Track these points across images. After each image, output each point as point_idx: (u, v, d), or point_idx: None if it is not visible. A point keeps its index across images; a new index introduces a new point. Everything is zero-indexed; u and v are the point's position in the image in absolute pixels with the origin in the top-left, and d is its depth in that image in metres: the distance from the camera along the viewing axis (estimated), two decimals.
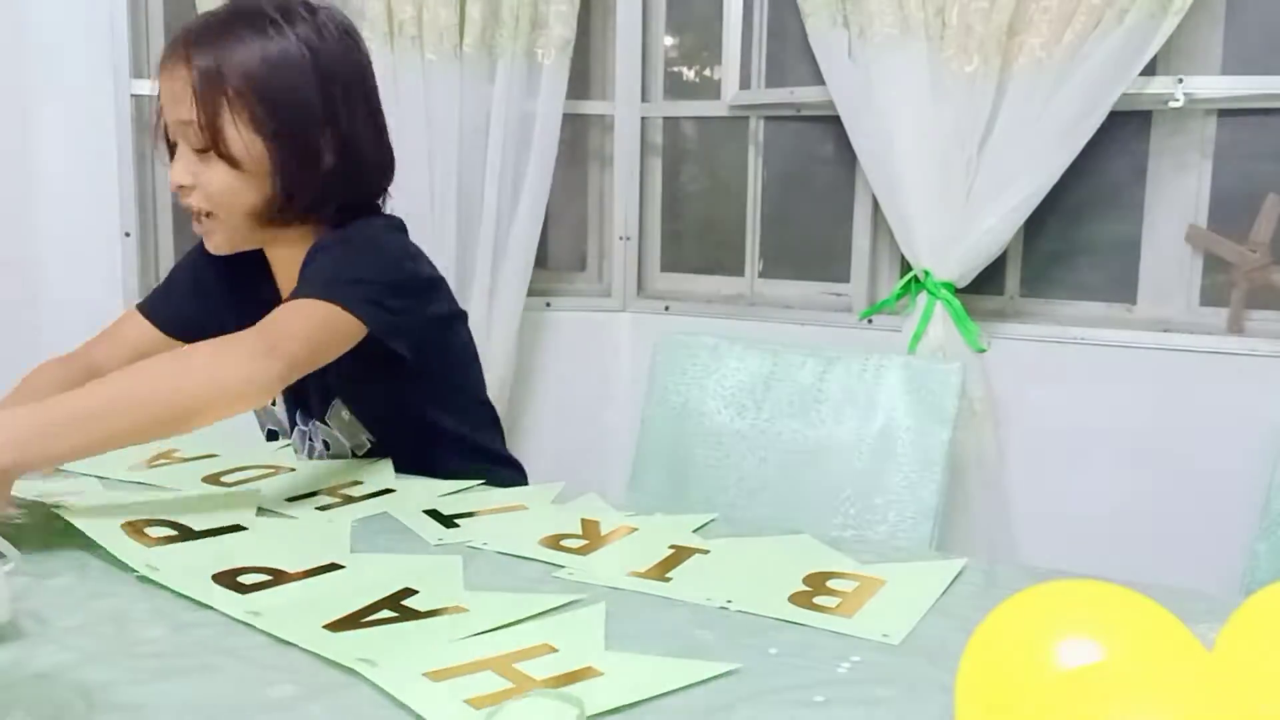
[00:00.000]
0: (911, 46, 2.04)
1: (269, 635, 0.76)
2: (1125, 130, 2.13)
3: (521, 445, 2.46)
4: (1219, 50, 2.07)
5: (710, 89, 2.48)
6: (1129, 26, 1.92)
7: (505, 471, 1.33)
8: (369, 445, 1.25)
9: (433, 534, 0.99)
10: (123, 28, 2.15)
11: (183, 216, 2.34)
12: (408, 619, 0.79)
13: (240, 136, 1.12)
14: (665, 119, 2.52)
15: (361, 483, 1.15)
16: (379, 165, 1.26)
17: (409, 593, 0.84)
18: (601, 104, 2.49)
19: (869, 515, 1.34)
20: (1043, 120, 2.00)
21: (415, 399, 1.24)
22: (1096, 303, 2.23)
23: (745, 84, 2.41)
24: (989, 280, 2.21)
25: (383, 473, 1.20)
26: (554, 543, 0.97)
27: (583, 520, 1.04)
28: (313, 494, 1.10)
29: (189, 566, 0.88)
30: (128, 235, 2.21)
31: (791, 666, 0.73)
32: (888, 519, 1.33)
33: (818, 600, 0.85)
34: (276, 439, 1.35)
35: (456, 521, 1.03)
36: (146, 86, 2.22)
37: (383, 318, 1.12)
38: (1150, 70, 2.00)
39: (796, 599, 0.85)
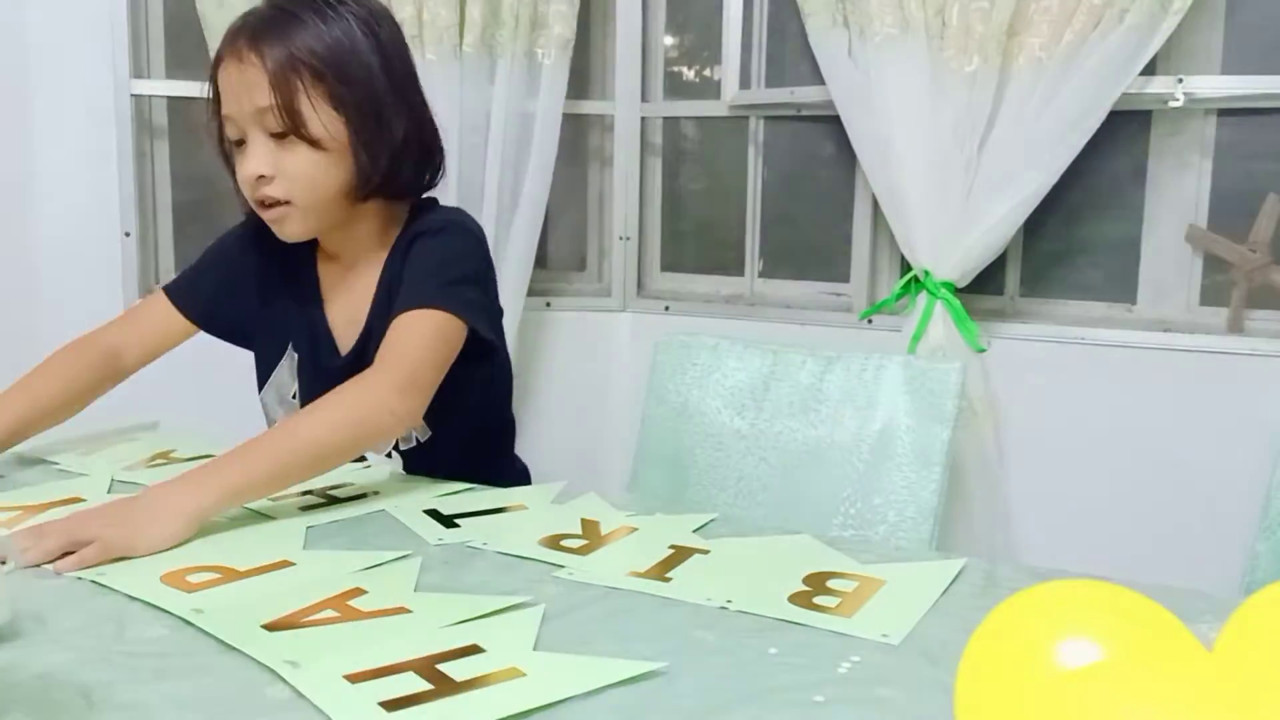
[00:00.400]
0: (911, 46, 2.04)
1: (210, 635, 0.76)
2: (1125, 130, 2.13)
3: (521, 445, 2.46)
4: (1219, 50, 2.07)
5: (710, 89, 2.48)
6: (1129, 26, 1.92)
7: (518, 471, 1.39)
8: (416, 442, 1.26)
9: (433, 534, 0.99)
10: (122, 27, 2.15)
11: (183, 216, 2.34)
12: (348, 619, 0.79)
13: (319, 116, 1.13)
14: (665, 119, 2.52)
15: (353, 483, 1.15)
16: (437, 142, 1.26)
17: (357, 593, 0.84)
18: (601, 104, 2.49)
19: (869, 515, 1.34)
20: (1043, 120, 2.00)
21: (478, 390, 1.28)
22: (1096, 302, 2.23)
23: (745, 84, 2.41)
24: (989, 280, 2.21)
25: (374, 474, 1.19)
26: (554, 543, 0.97)
27: (583, 520, 1.04)
28: (302, 494, 1.10)
29: (138, 568, 0.89)
30: (127, 235, 2.21)
31: (791, 666, 0.73)
32: (887, 519, 1.33)
33: (817, 600, 0.85)
34: None
35: (456, 521, 1.03)
36: (146, 86, 2.22)
37: (481, 316, 1.19)
38: (1150, 70, 2.00)
39: (796, 599, 0.85)
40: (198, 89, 2.26)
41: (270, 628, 0.77)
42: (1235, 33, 2.06)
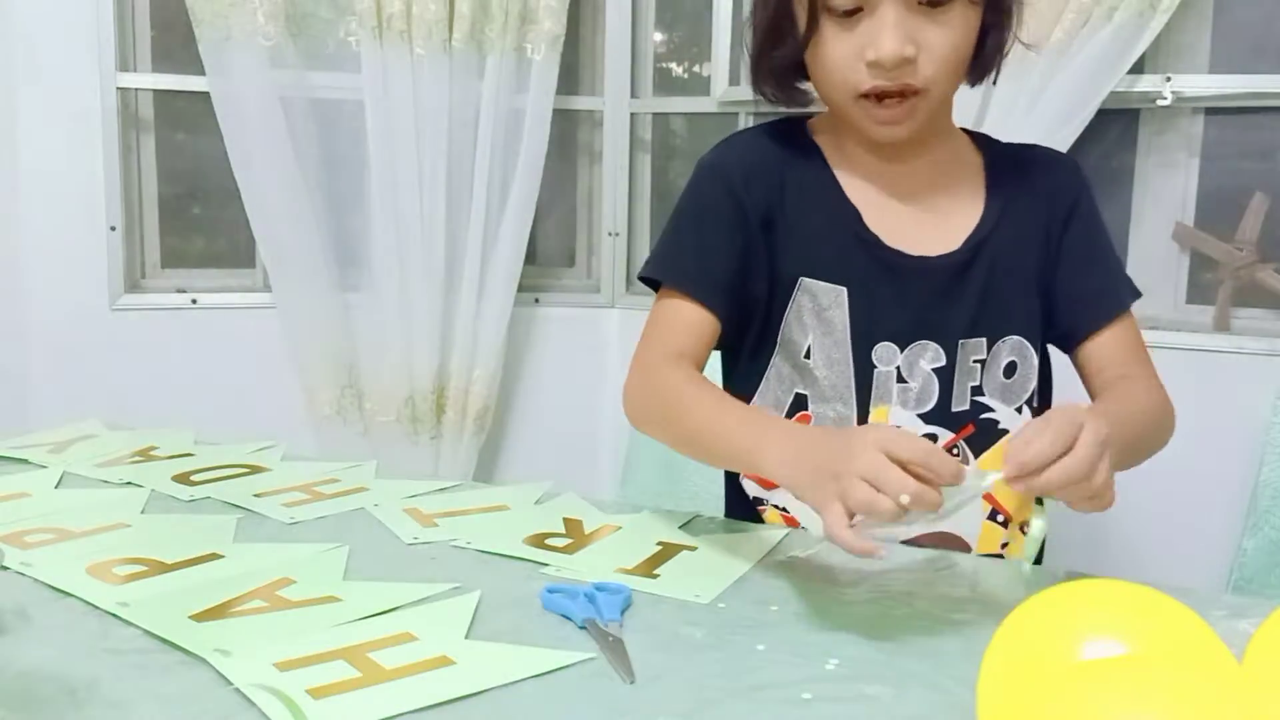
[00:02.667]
0: None
1: (139, 627, 0.76)
2: (1113, 128, 2.13)
3: (510, 442, 2.46)
4: (1207, 49, 2.07)
5: (699, 85, 2.47)
6: (1117, 24, 1.93)
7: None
8: None
9: (409, 532, 0.99)
10: (109, 20, 2.14)
11: (168, 210, 2.33)
12: (277, 609, 0.79)
13: None
14: (654, 115, 2.52)
15: (338, 480, 1.15)
16: None
17: (286, 583, 0.84)
18: (591, 99, 2.49)
19: None
20: (1031, 118, 2.00)
21: None
22: None
23: (735, 80, 2.41)
24: None
25: (359, 472, 1.19)
26: (539, 541, 0.97)
27: (565, 519, 1.03)
28: (284, 491, 1.10)
29: (63, 560, 0.89)
30: (113, 229, 2.20)
31: (779, 663, 0.73)
32: None
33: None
34: None
35: (436, 521, 1.02)
36: (133, 79, 2.21)
37: None
38: (1138, 69, 2.01)
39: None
40: (185, 82, 2.25)
41: (198, 618, 0.77)
42: (1223, 32, 2.06)
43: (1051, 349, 1.12)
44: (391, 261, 2.22)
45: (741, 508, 1.11)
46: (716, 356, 1.12)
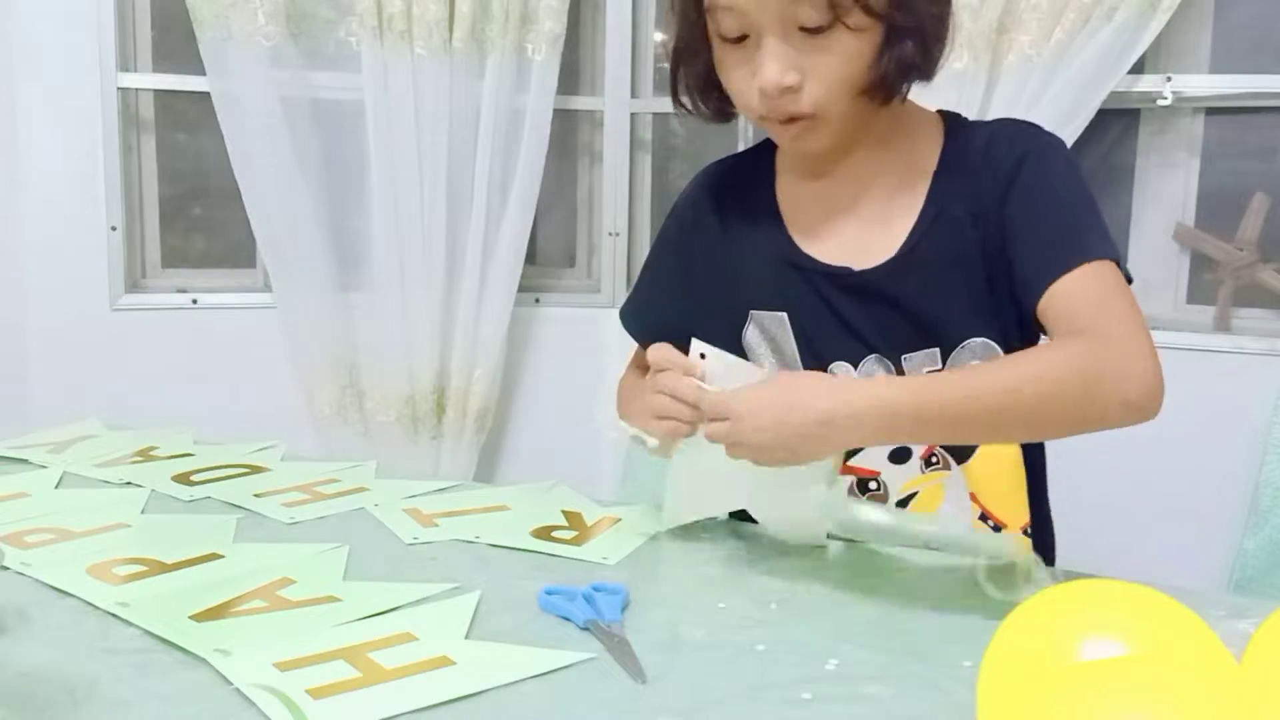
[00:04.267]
0: None
1: (139, 627, 0.76)
2: (1114, 128, 2.13)
3: (510, 442, 2.46)
4: (1207, 49, 2.07)
5: None
6: (1118, 24, 1.92)
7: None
8: None
9: (409, 532, 0.99)
10: (109, 20, 2.14)
11: (169, 211, 2.33)
12: (277, 609, 0.80)
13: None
14: (655, 115, 2.52)
15: (339, 480, 1.15)
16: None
17: (286, 583, 0.84)
18: (591, 99, 2.49)
19: None
20: (1032, 117, 1.99)
21: None
22: None
23: None
24: None
25: (359, 472, 1.19)
26: (545, 534, 0.98)
27: (564, 511, 1.04)
28: (284, 491, 1.10)
29: (63, 560, 0.89)
30: (114, 229, 2.20)
31: (779, 663, 0.73)
32: None
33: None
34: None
35: (437, 521, 1.02)
36: (133, 79, 2.21)
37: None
38: (1139, 69, 2.01)
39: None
40: (185, 82, 2.25)
41: (198, 618, 0.77)
42: (1223, 32, 2.06)
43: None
44: (392, 261, 2.22)
45: None
46: None
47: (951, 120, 1.05)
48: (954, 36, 0.98)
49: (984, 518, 1.05)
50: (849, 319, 1.00)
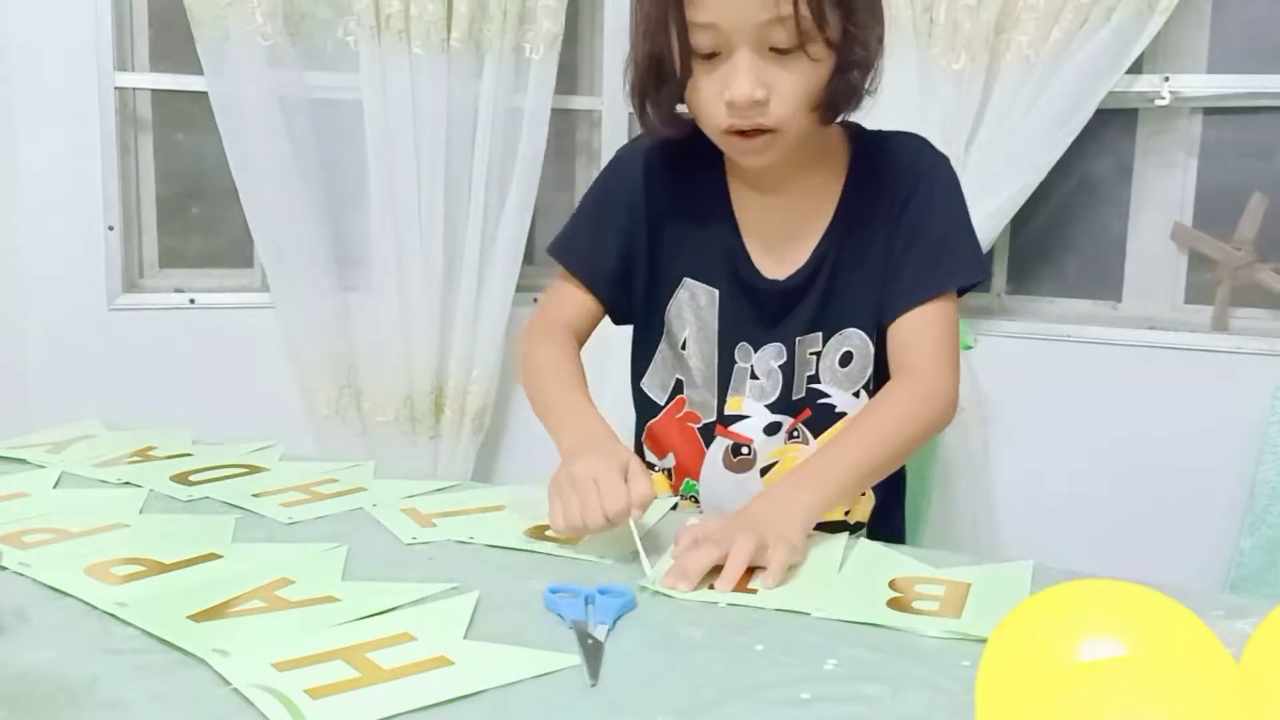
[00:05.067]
0: (899, 43, 2.03)
1: (137, 627, 0.76)
2: (1111, 128, 2.13)
3: (509, 442, 2.46)
4: (1205, 49, 2.07)
5: None
6: (1116, 24, 1.93)
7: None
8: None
9: (407, 532, 0.99)
10: (106, 19, 2.13)
11: (166, 210, 2.33)
12: (276, 609, 0.80)
13: (831, 21, 0.98)
14: None
15: (337, 480, 1.15)
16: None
17: (285, 583, 0.84)
18: (589, 99, 2.49)
19: None
20: (1030, 117, 2.00)
21: None
22: (1082, 300, 2.23)
23: None
24: None
25: (358, 472, 1.19)
26: (539, 533, 0.98)
27: None
28: (283, 491, 1.10)
29: (61, 560, 0.89)
30: (111, 229, 2.19)
31: (778, 663, 0.73)
32: None
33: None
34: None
35: (435, 521, 1.02)
36: (130, 79, 2.20)
37: None
38: (1137, 68, 2.01)
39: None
40: (183, 82, 2.25)
41: (197, 618, 0.77)
42: (1221, 32, 2.07)
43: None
44: (390, 261, 2.22)
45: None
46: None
47: (855, 132, 1.16)
48: (879, 77, 1.07)
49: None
50: (765, 313, 1.14)
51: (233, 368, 2.24)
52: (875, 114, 1.11)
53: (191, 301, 2.26)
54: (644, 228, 1.15)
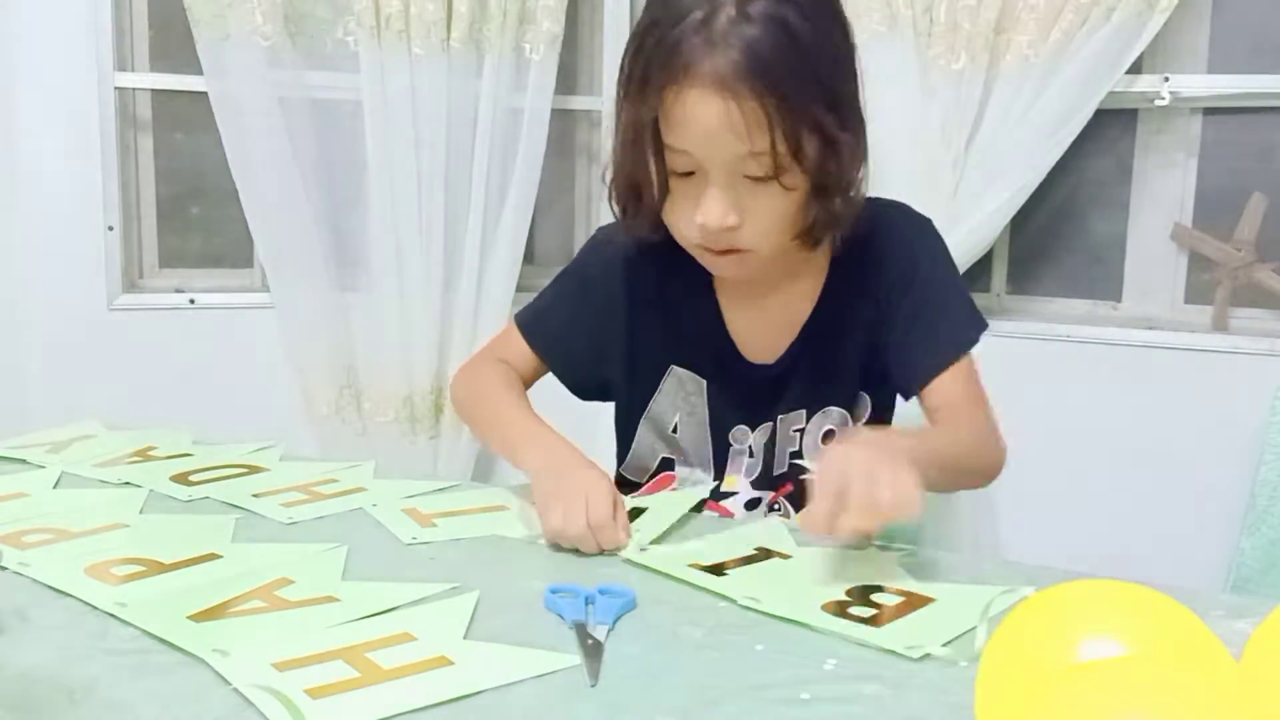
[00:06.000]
0: (899, 44, 2.04)
1: (137, 627, 0.76)
2: (1111, 128, 2.13)
3: None
4: (1205, 49, 2.07)
5: None
6: (1116, 24, 1.93)
7: None
8: None
9: (408, 532, 0.99)
10: (106, 19, 2.13)
11: (166, 210, 2.33)
12: (276, 609, 0.80)
13: (807, 153, 0.97)
14: None
15: (337, 480, 1.15)
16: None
17: (285, 583, 0.84)
18: (589, 99, 2.49)
19: None
20: (1030, 118, 2.00)
21: None
22: (1082, 300, 2.23)
23: None
24: (975, 277, 2.21)
25: (358, 472, 1.19)
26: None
27: None
28: (283, 491, 1.10)
29: (61, 560, 0.89)
30: (110, 229, 2.19)
31: (778, 664, 0.73)
32: None
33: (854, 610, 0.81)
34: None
35: (435, 521, 1.02)
36: (130, 79, 2.20)
37: None
38: (1136, 69, 2.01)
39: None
40: (183, 82, 2.25)
41: (197, 618, 0.77)
42: (1221, 32, 2.07)
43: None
44: (390, 261, 2.22)
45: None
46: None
47: None
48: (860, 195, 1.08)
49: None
50: (753, 397, 1.14)
51: (233, 368, 2.24)
52: (876, 114, 1.11)
53: (191, 301, 2.26)
54: (623, 313, 1.15)
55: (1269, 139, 2.07)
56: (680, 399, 1.16)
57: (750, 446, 1.16)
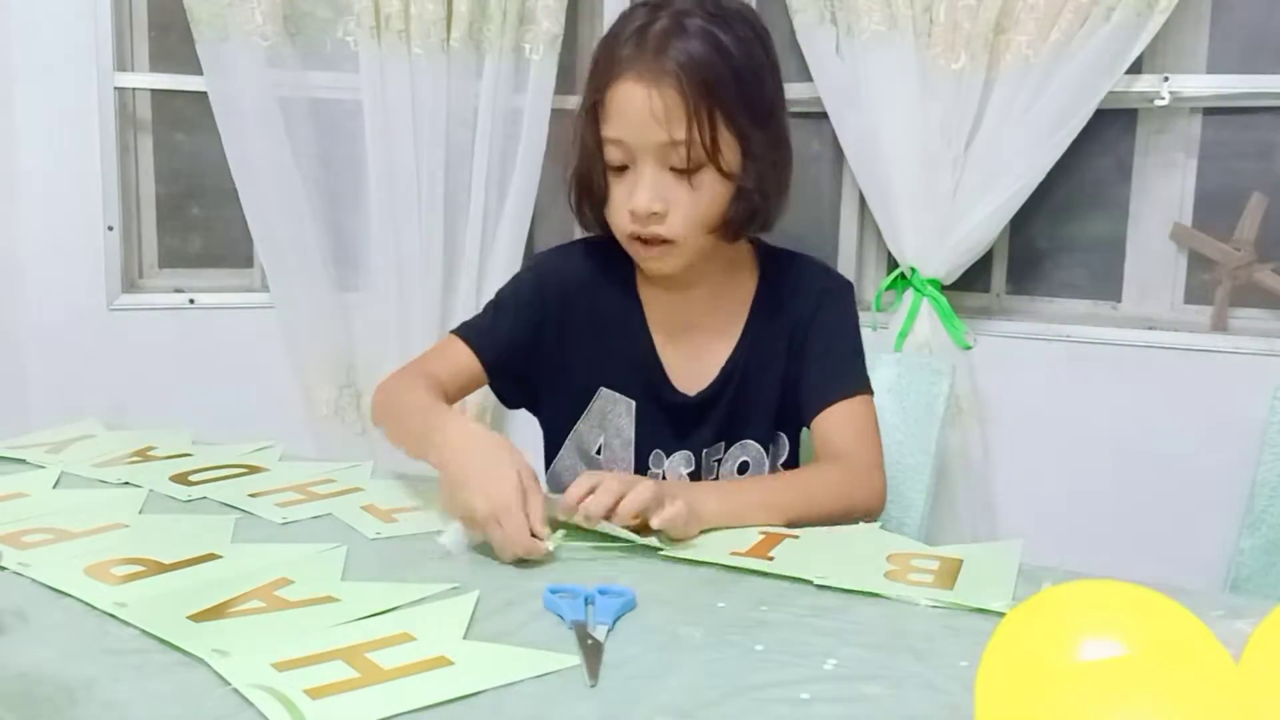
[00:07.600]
0: (899, 44, 2.04)
1: (137, 627, 0.76)
2: (1111, 128, 2.13)
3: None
4: (1204, 49, 2.07)
5: None
6: (1115, 24, 1.93)
7: None
8: None
9: (370, 528, 0.99)
10: (106, 19, 2.13)
11: (166, 210, 2.33)
12: (275, 609, 0.80)
13: (725, 151, 1.08)
14: None
15: (335, 481, 1.15)
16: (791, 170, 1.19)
17: (284, 583, 0.84)
18: None
19: None
20: (1029, 117, 2.00)
21: None
22: (1081, 300, 2.23)
23: None
24: (975, 277, 2.21)
25: (356, 473, 1.19)
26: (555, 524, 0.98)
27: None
28: (282, 491, 1.10)
29: (61, 561, 0.89)
30: (110, 229, 2.19)
31: (778, 663, 0.73)
32: None
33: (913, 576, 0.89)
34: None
35: (395, 516, 1.03)
36: (130, 79, 2.20)
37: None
38: (1136, 68, 2.01)
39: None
40: (182, 82, 2.25)
41: (196, 618, 0.77)
42: (1221, 32, 2.06)
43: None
44: (389, 261, 2.22)
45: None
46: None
47: (763, 253, 1.24)
48: (792, 192, 1.17)
49: None
50: (678, 424, 1.21)
51: (232, 368, 2.24)
52: (876, 114, 1.12)
53: (191, 301, 2.26)
54: (556, 332, 1.21)
55: (1269, 139, 2.07)
56: (609, 420, 1.22)
57: (664, 473, 1.21)
